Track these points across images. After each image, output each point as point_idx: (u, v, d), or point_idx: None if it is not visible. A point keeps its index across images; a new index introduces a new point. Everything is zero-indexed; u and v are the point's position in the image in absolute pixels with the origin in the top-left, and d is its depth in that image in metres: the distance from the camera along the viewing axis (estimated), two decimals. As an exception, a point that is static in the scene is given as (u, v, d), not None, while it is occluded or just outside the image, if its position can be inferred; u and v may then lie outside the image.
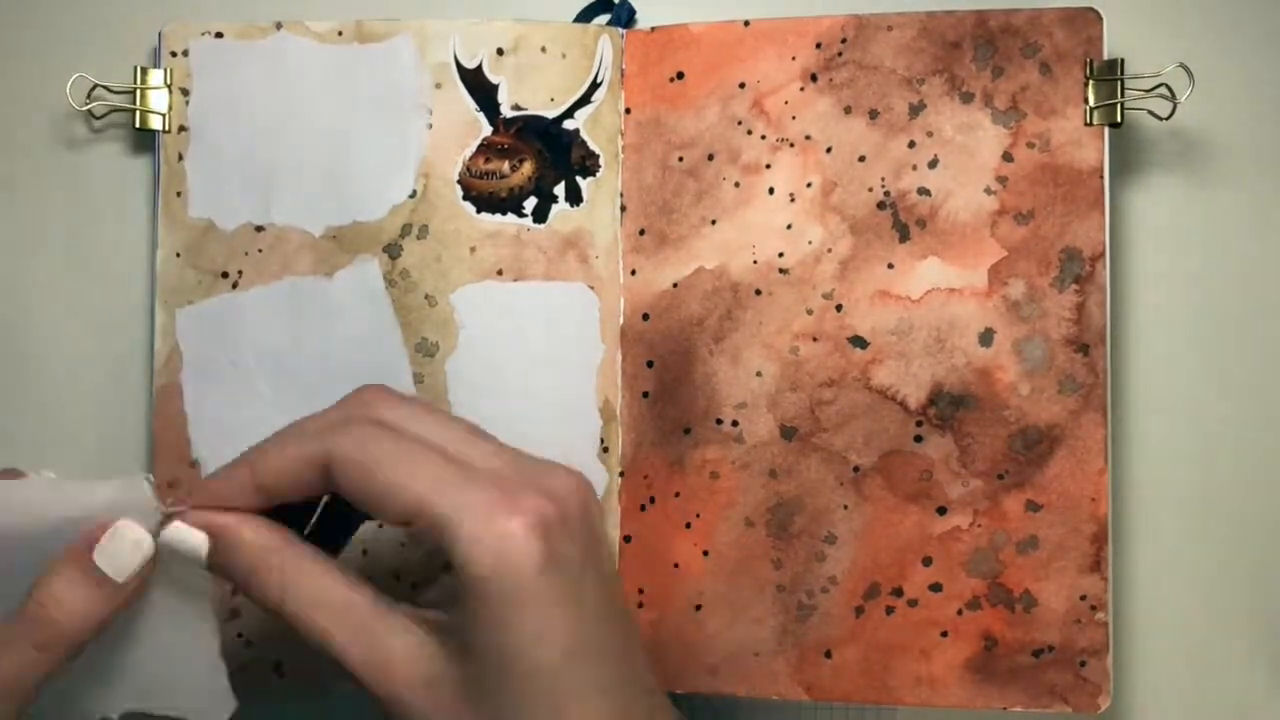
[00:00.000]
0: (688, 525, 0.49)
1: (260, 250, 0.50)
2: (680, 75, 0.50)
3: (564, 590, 0.35)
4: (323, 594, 0.37)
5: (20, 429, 0.53)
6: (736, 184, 0.50)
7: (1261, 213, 0.52)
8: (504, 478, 0.37)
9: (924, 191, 0.49)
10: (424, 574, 0.50)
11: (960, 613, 0.48)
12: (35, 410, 0.53)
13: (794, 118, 0.50)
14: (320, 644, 0.37)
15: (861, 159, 0.49)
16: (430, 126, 0.50)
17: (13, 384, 0.53)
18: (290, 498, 0.38)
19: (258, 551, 0.37)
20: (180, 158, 0.51)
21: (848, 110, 0.49)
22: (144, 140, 0.52)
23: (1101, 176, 0.48)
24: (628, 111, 0.51)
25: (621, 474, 0.50)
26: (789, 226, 0.50)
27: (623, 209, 0.51)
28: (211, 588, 0.39)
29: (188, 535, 0.37)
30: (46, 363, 0.53)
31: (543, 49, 0.50)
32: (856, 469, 0.49)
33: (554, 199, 0.50)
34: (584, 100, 0.51)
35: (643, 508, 0.50)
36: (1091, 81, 0.48)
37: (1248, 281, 0.51)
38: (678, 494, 0.50)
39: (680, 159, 0.50)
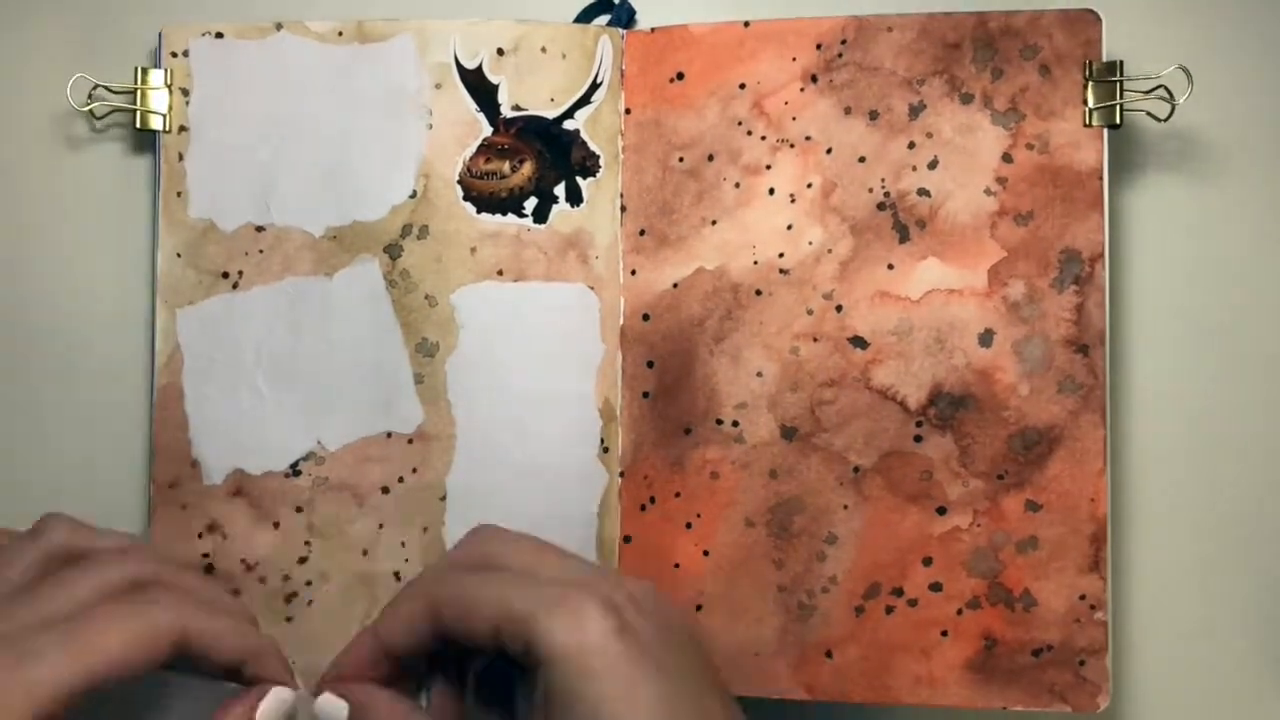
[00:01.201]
0: (688, 525, 0.49)
1: (261, 250, 0.50)
2: (680, 76, 0.50)
3: (643, 657, 0.36)
4: None
5: (20, 429, 0.53)
6: (737, 184, 0.50)
7: (1260, 213, 0.52)
8: (580, 577, 0.39)
9: (924, 192, 0.49)
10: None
11: (960, 612, 0.48)
12: (35, 410, 0.53)
13: (794, 118, 0.50)
14: None
15: (861, 160, 0.49)
16: (430, 126, 0.50)
17: (13, 383, 0.53)
18: (416, 652, 0.41)
19: (388, 716, 0.41)
20: (180, 158, 0.51)
21: (848, 111, 0.50)
22: (144, 140, 0.52)
23: (1101, 178, 0.48)
24: (628, 112, 0.51)
25: (621, 474, 0.50)
26: (789, 227, 0.50)
27: (623, 209, 0.51)
28: None
29: (333, 704, 0.42)
30: (46, 362, 0.53)
31: (543, 49, 0.50)
32: (857, 469, 0.49)
33: (554, 199, 0.50)
34: (584, 100, 0.51)
35: (643, 508, 0.50)
36: (1091, 83, 0.48)
37: (1247, 282, 0.52)
38: (678, 494, 0.50)
39: (680, 159, 0.50)
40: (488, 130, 0.50)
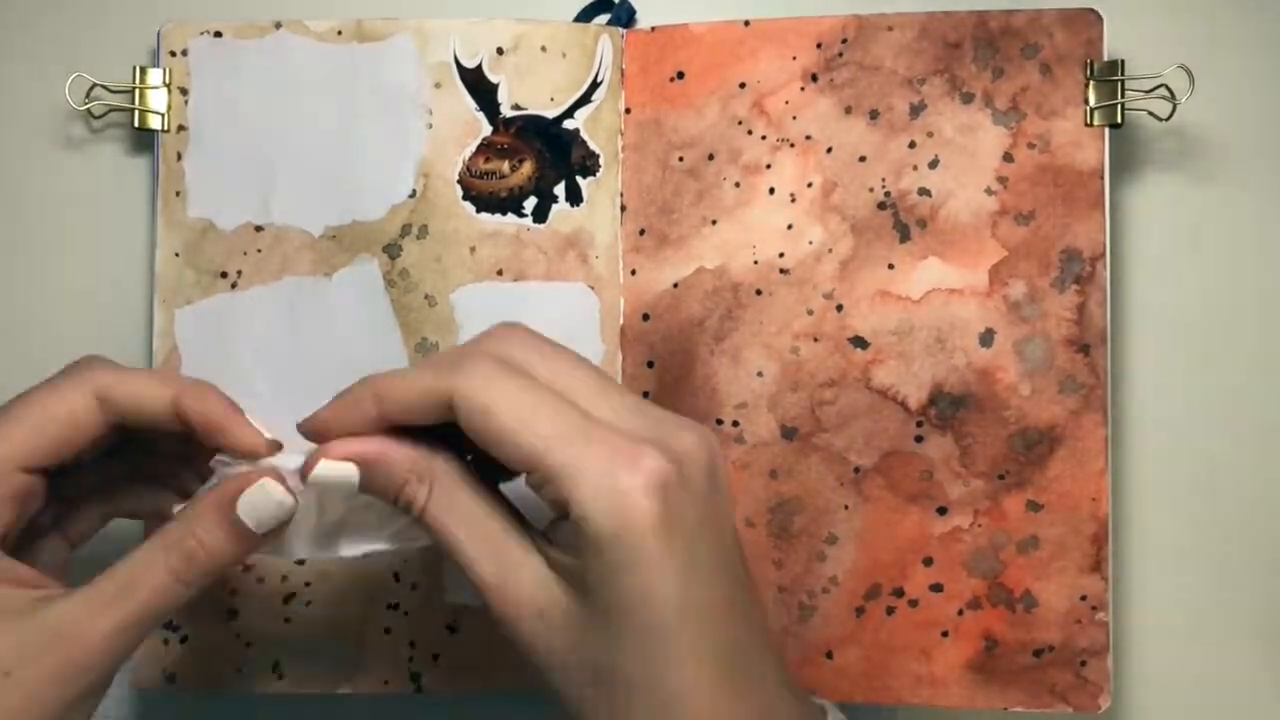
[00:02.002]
0: (688, 525, 0.49)
1: (260, 250, 0.50)
2: (680, 75, 0.50)
3: (678, 551, 0.35)
4: (462, 508, 0.37)
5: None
6: (737, 184, 0.50)
7: (1262, 213, 0.52)
8: (628, 432, 0.36)
9: (924, 192, 0.49)
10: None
11: (961, 613, 0.48)
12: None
13: (794, 118, 0.50)
14: (453, 554, 0.37)
15: (862, 159, 0.49)
16: (430, 126, 0.50)
17: (11, 382, 0.53)
18: (415, 427, 0.38)
19: (409, 466, 0.37)
20: (179, 157, 0.51)
21: (848, 110, 0.49)
22: (143, 140, 0.52)
23: (1102, 177, 0.48)
24: (628, 111, 0.51)
25: (622, 474, 0.50)
26: (789, 227, 0.50)
27: (623, 209, 0.51)
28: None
29: (338, 469, 0.38)
30: (45, 362, 0.53)
31: (543, 48, 0.50)
32: (857, 469, 0.49)
33: (554, 199, 0.50)
34: (584, 100, 0.51)
35: (643, 508, 0.50)
36: (1092, 82, 0.48)
37: (1248, 281, 0.52)
38: (678, 494, 0.49)
39: (680, 159, 0.50)
40: (487, 130, 0.50)
